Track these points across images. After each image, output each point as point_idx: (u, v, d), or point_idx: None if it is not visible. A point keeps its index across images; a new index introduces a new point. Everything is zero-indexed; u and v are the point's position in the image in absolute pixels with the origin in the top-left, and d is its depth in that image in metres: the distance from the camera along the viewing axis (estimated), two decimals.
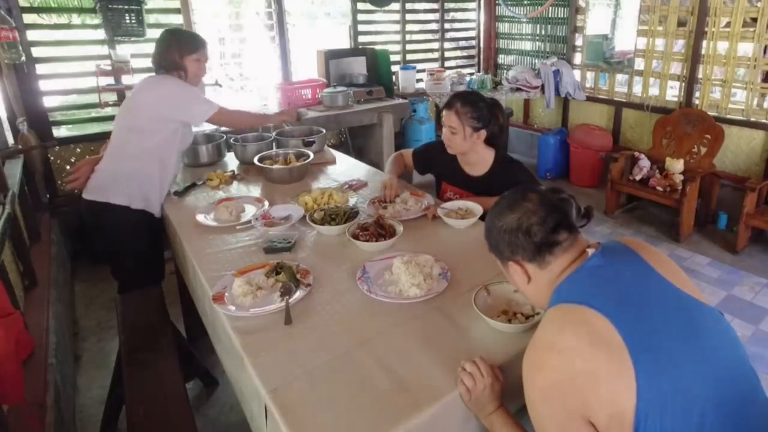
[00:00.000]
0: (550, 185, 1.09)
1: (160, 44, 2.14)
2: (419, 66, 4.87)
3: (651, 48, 4.14)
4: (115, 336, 2.48)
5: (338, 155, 2.77)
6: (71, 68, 3.49)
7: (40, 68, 3.24)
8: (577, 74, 4.80)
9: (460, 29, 5.37)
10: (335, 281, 1.50)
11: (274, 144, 2.70)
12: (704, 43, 3.77)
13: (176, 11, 3.61)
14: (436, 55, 5.20)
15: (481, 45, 5.46)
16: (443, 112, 1.97)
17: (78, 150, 3.45)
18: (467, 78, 4.87)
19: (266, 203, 2.05)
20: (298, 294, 1.40)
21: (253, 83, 4.38)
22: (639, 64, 4.26)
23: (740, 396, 0.87)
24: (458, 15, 5.32)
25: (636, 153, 3.99)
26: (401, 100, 4.18)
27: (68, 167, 3.38)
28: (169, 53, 2.11)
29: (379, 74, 4.30)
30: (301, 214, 1.90)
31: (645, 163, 3.87)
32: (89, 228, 2.25)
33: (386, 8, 4.61)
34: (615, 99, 4.54)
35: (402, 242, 1.69)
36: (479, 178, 2.02)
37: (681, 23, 3.91)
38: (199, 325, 1.88)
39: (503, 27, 5.37)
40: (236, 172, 2.48)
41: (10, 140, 2.96)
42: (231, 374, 1.47)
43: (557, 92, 4.72)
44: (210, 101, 2.19)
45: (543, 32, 5.01)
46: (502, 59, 5.48)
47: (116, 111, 2.61)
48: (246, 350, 1.21)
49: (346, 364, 1.15)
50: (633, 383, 0.81)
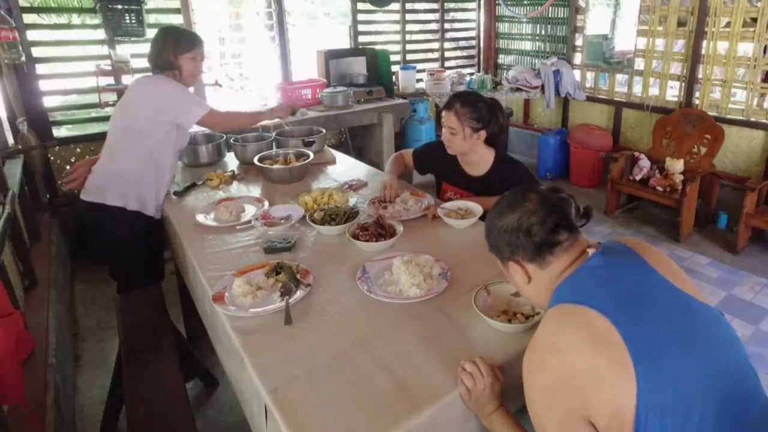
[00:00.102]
0: (550, 185, 1.09)
1: (155, 43, 2.12)
2: (419, 66, 4.87)
3: (651, 48, 4.14)
4: (115, 336, 2.48)
5: (338, 155, 2.77)
6: (71, 68, 3.49)
7: (40, 68, 3.24)
8: (577, 74, 4.80)
9: (460, 29, 5.37)
10: (335, 281, 1.50)
11: (274, 144, 2.70)
12: (704, 43, 3.77)
13: (176, 11, 3.61)
14: (436, 55, 5.20)
15: (481, 45, 5.46)
16: (443, 113, 1.96)
17: (78, 150, 3.45)
18: (467, 78, 4.87)
19: (266, 203, 2.05)
20: (298, 294, 1.40)
21: (253, 83, 4.38)
22: (639, 64, 4.26)
23: (740, 396, 0.87)
24: (458, 15, 5.32)
25: (636, 153, 3.99)
26: (401, 100, 4.18)
27: (68, 167, 3.37)
28: (164, 52, 2.09)
29: (379, 74, 4.30)
30: (301, 214, 1.90)
31: (645, 163, 3.87)
32: (87, 228, 2.25)
33: (386, 8, 4.61)
34: (615, 99, 4.54)
35: (402, 242, 1.69)
36: (479, 178, 2.02)
37: (681, 23, 3.91)
38: (199, 325, 1.88)
39: (503, 27, 5.37)
40: (236, 172, 2.48)
41: (10, 140, 2.97)
42: (231, 374, 1.47)
43: (557, 92, 4.72)
44: (201, 103, 2.15)
45: (543, 32, 5.01)
46: (502, 59, 5.48)
47: None
48: (246, 350, 1.21)
49: (346, 364, 1.15)
50: (633, 383, 0.81)
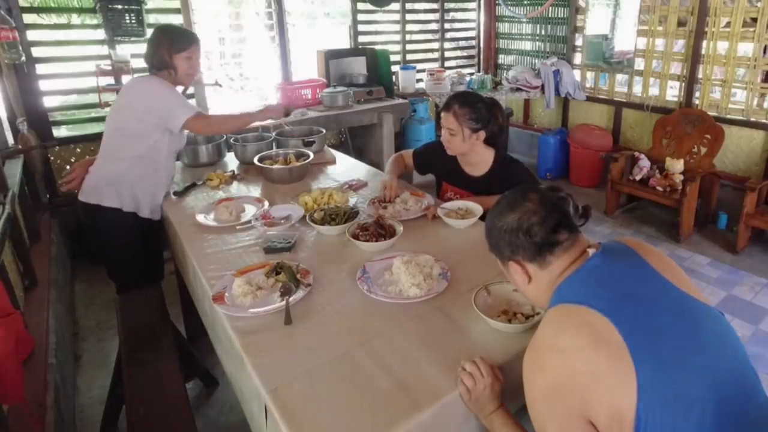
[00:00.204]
0: (549, 184, 1.09)
1: (151, 42, 2.11)
2: (419, 66, 4.87)
3: (651, 48, 4.14)
4: (115, 336, 2.48)
5: (338, 155, 2.77)
6: (71, 68, 3.49)
7: (40, 68, 3.24)
8: (577, 74, 4.80)
9: (460, 29, 5.37)
10: (335, 281, 1.50)
11: (274, 144, 2.70)
12: (704, 43, 3.77)
13: (176, 11, 3.61)
14: (436, 55, 5.20)
15: (481, 45, 5.46)
16: (441, 114, 1.96)
17: (78, 150, 3.45)
18: (467, 78, 4.86)
19: (266, 203, 2.05)
20: (298, 294, 1.40)
21: (253, 83, 4.38)
22: (639, 64, 4.26)
23: (740, 396, 0.87)
24: (458, 15, 5.32)
25: (636, 153, 3.99)
26: (401, 100, 4.18)
27: (68, 167, 3.36)
28: (159, 51, 2.07)
29: (379, 74, 4.30)
30: (301, 214, 1.90)
31: (645, 163, 3.87)
32: (85, 229, 2.24)
33: (386, 8, 4.61)
34: (615, 99, 4.54)
35: (402, 242, 1.69)
36: (479, 178, 2.02)
37: (681, 23, 3.91)
38: (199, 325, 1.88)
39: (503, 27, 5.37)
40: (236, 172, 2.48)
41: (10, 140, 2.97)
42: (231, 374, 1.47)
43: (557, 92, 4.72)
44: (188, 106, 2.09)
45: (543, 32, 5.01)
46: (502, 59, 5.48)
47: None
48: (246, 350, 1.21)
49: (346, 364, 1.15)
50: (633, 383, 0.81)
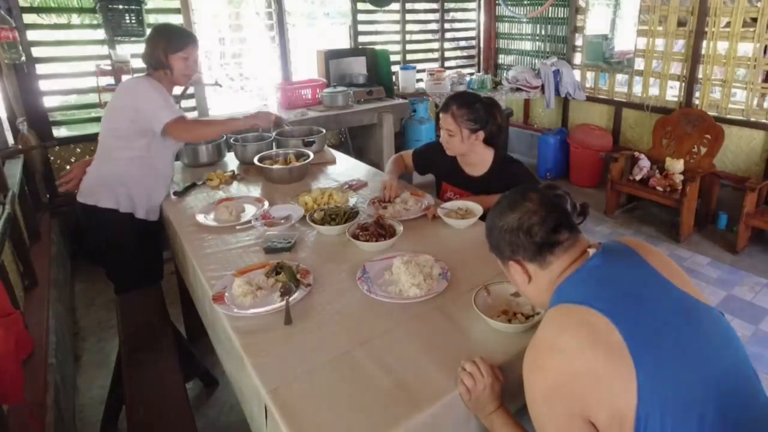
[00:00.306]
0: (546, 183, 1.09)
1: (148, 42, 2.10)
2: (419, 66, 4.87)
3: (651, 48, 4.14)
4: (115, 336, 2.48)
5: (338, 155, 2.77)
6: (71, 68, 3.49)
7: (40, 68, 3.24)
8: (577, 74, 4.80)
9: (460, 29, 5.37)
10: (335, 281, 1.50)
11: (274, 144, 2.70)
12: (704, 43, 3.77)
13: (176, 11, 3.61)
14: (436, 55, 5.19)
15: (481, 45, 5.46)
16: (440, 115, 1.96)
17: (78, 150, 3.45)
18: (467, 78, 4.86)
19: (266, 203, 2.05)
20: (298, 294, 1.40)
21: (253, 83, 4.39)
22: (639, 64, 4.25)
23: (741, 396, 0.87)
24: (458, 15, 5.32)
25: (636, 153, 3.99)
26: (401, 100, 4.18)
27: (68, 167, 3.37)
28: (155, 51, 2.06)
29: (379, 74, 4.30)
30: (301, 214, 1.90)
31: (645, 163, 3.87)
32: (83, 229, 2.24)
33: (386, 8, 4.61)
34: (615, 99, 4.54)
35: (402, 242, 1.69)
36: (479, 178, 2.02)
37: (681, 23, 3.91)
38: (199, 325, 1.88)
39: (503, 27, 5.37)
40: (236, 172, 2.48)
41: (10, 140, 2.97)
42: (231, 374, 1.47)
43: (557, 92, 4.72)
44: (171, 109, 2.03)
45: (543, 32, 5.01)
46: (502, 59, 5.48)
47: None
48: (246, 350, 1.21)
49: (346, 364, 1.15)
50: (634, 383, 0.81)
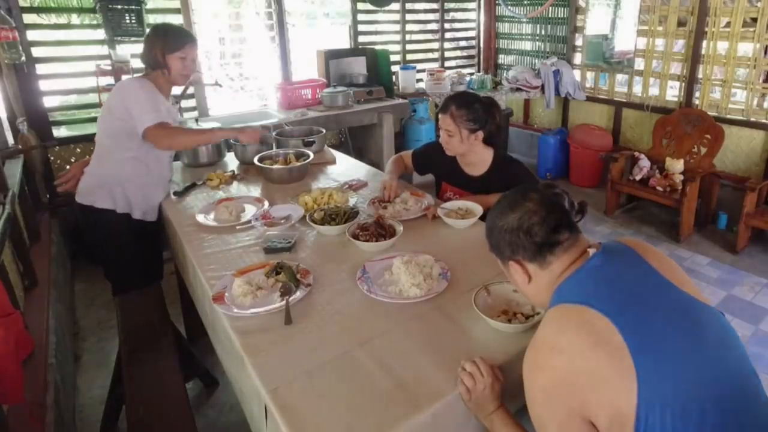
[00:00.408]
0: (545, 182, 1.09)
1: (146, 41, 2.09)
2: (419, 66, 4.87)
3: (651, 48, 4.14)
4: (115, 336, 2.48)
5: (338, 155, 2.77)
6: (71, 68, 3.49)
7: (40, 68, 3.24)
8: (577, 74, 4.80)
9: (460, 29, 5.37)
10: (335, 281, 1.50)
11: (274, 144, 2.70)
12: (704, 43, 3.77)
13: (176, 11, 3.61)
14: (436, 55, 5.19)
15: (481, 45, 5.46)
16: (439, 116, 1.96)
17: (78, 150, 3.45)
18: (467, 78, 4.86)
19: (266, 203, 2.05)
20: (298, 294, 1.40)
21: (253, 83, 4.39)
22: (639, 64, 4.25)
23: (741, 396, 0.87)
24: (458, 15, 5.31)
25: (636, 153, 3.99)
26: (401, 100, 4.18)
27: (68, 167, 3.37)
28: (153, 51, 2.05)
29: (379, 74, 4.30)
30: (301, 214, 1.90)
31: (645, 163, 3.87)
32: (82, 229, 2.25)
33: (386, 8, 4.61)
34: (615, 99, 4.54)
35: (402, 242, 1.69)
36: (479, 178, 2.02)
37: (681, 23, 3.91)
38: (199, 325, 1.88)
39: (503, 27, 5.37)
40: (236, 172, 2.48)
41: (10, 140, 2.97)
42: (231, 374, 1.47)
43: (557, 92, 4.72)
44: (155, 113, 1.98)
45: (543, 32, 5.01)
46: (502, 59, 5.48)
47: None
48: (246, 350, 1.21)
49: (346, 364, 1.15)
50: (634, 383, 0.81)
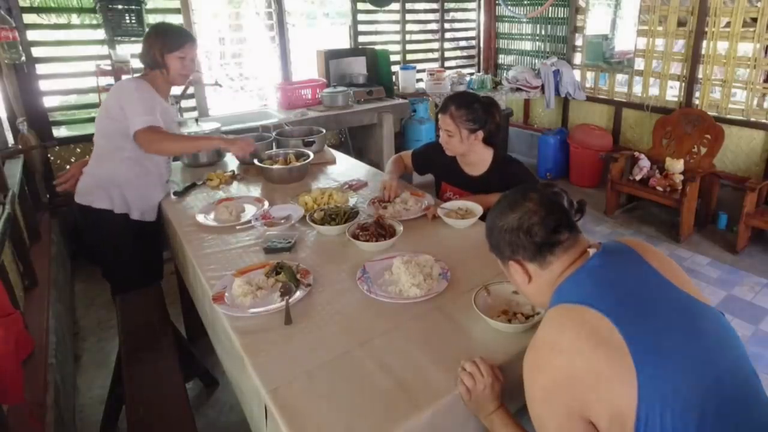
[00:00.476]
0: (544, 182, 1.10)
1: (144, 41, 2.08)
2: (419, 66, 4.87)
3: (651, 48, 4.14)
4: (115, 336, 2.48)
5: (338, 155, 2.77)
6: (71, 68, 3.49)
7: (40, 68, 3.24)
8: (577, 74, 4.80)
9: (460, 29, 5.37)
10: (335, 281, 1.50)
11: (274, 144, 2.70)
12: (704, 43, 3.77)
13: (176, 11, 3.61)
14: (436, 55, 5.19)
15: (481, 45, 5.46)
16: (439, 116, 1.96)
17: (78, 150, 3.45)
18: (467, 78, 4.86)
19: (266, 203, 2.05)
20: (298, 294, 1.40)
21: (253, 83, 4.39)
22: (639, 64, 4.25)
23: (741, 396, 0.87)
24: (458, 15, 5.31)
25: (636, 153, 3.99)
26: (401, 100, 4.18)
27: (68, 167, 3.37)
28: (152, 51, 2.04)
29: (379, 74, 4.30)
30: (301, 214, 1.90)
31: (645, 163, 3.87)
32: (81, 229, 2.24)
33: (386, 8, 4.61)
34: (615, 99, 4.54)
35: (402, 242, 1.69)
36: (478, 178, 2.02)
37: (681, 23, 3.91)
38: (199, 325, 1.88)
39: (503, 27, 5.37)
40: (236, 172, 2.48)
41: (10, 140, 2.97)
42: (231, 374, 1.47)
43: (557, 92, 4.72)
44: (147, 116, 1.96)
45: (543, 32, 5.01)
46: (502, 59, 5.48)
47: None
48: (246, 350, 1.21)
49: (346, 364, 1.15)
50: (634, 384, 0.81)
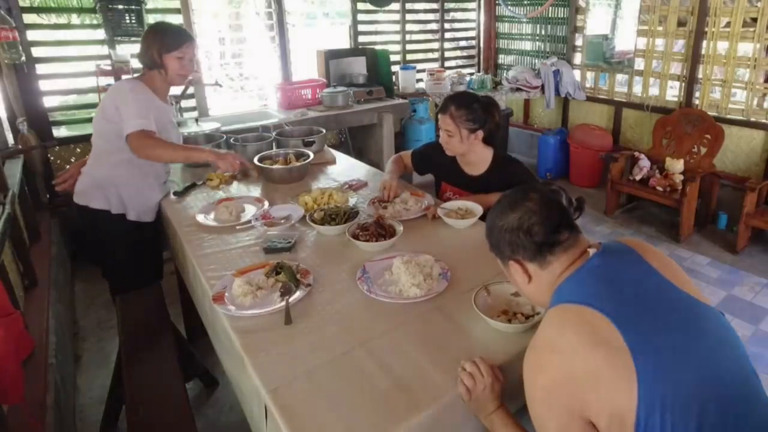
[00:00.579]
0: (543, 181, 1.10)
1: (143, 41, 2.07)
2: (419, 66, 4.86)
3: (651, 48, 4.14)
4: (115, 336, 2.48)
5: (338, 155, 2.77)
6: (71, 68, 3.49)
7: (40, 68, 3.24)
8: (577, 74, 4.80)
9: (460, 29, 5.37)
10: (335, 281, 1.50)
11: (274, 144, 2.70)
12: (704, 43, 3.77)
13: (176, 11, 3.61)
14: (436, 55, 5.19)
15: (481, 45, 5.46)
16: (438, 116, 1.97)
17: (78, 150, 3.45)
18: (467, 78, 4.86)
19: (266, 203, 2.05)
20: (298, 294, 1.40)
21: (253, 83, 4.38)
22: (639, 64, 4.25)
23: (740, 396, 0.87)
24: (458, 15, 5.31)
25: (636, 153, 3.99)
26: (401, 100, 4.18)
27: (68, 167, 3.37)
28: (150, 51, 2.03)
29: (379, 74, 4.30)
30: (301, 214, 1.90)
31: (645, 163, 3.87)
32: (80, 230, 2.24)
33: (386, 8, 4.61)
34: (615, 99, 4.54)
35: (402, 242, 1.69)
36: (478, 178, 2.02)
37: (681, 23, 3.91)
38: (199, 325, 1.88)
39: (503, 27, 5.37)
40: (236, 172, 2.48)
41: (10, 140, 2.97)
42: (231, 374, 1.47)
43: (557, 92, 4.71)
44: (141, 119, 1.93)
45: (543, 32, 5.01)
46: (502, 59, 5.48)
47: None
48: (246, 350, 1.21)
49: (346, 364, 1.15)
50: (634, 384, 0.81)
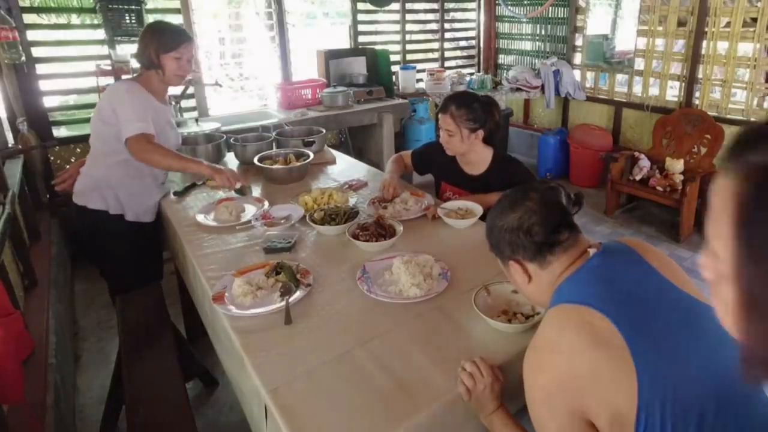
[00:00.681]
0: (541, 180, 1.10)
1: (140, 41, 2.06)
2: (419, 66, 4.86)
3: (651, 48, 4.14)
4: (115, 336, 2.48)
5: (338, 155, 2.77)
6: (71, 68, 3.49)
7: (40, 68, 3.24)
8: (577, 74, 4.80)
9: (460, 29, 5.37)
10: (335, 281, 1.50)
11: (274, 144, 2.70)
12: (704, 43, 3.77)
13: (176, 11, 3.61)
14: (436, 55, 5.19)
15: (481, 45, 5.46)
16: (439, 116, 1.97)
17: (78, 150, 3.45)
18: (467, 78, 4.86)
19: (266, 203, 2.05)
20: (298, 294, 1.40)
21: (253, 83, 4.38)
22: (639, 64, 4.25)
23: (740, 396, 0.87)
24: (458, 15, 5.32)
25: (636, 153, 3.99)
26: (401, 100, 4.18)
27: (68, 167, 3.37)
28: (147, 51, 2.02)
29: (379, 74, 4.30)
30: (301, 214, 1.90)
31: (645, 163, 3.87)
32: (79, 230, 2.24)
33: (386, 8, 4.61)
34: (615, 99, 4.54)
35: (402, 242, 1.69)
36: (478, 177, 2.03)
37: (681, 23, 3.91)
38: (199, 325, 1.88)
39: (503, 27, 5.37)
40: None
41: (10, 140, 2.97)
42: (231, 374, 1.47)
43: (557, 92, 4.72)
44: (140, 123, 1.93)
45: (543, 32, 5.01)
46: (502, 59, 5.48)
47: None
48: (246, 350, 1.21)
49: (346, 364, 1.15)
50: (634, 384, 0.81)
